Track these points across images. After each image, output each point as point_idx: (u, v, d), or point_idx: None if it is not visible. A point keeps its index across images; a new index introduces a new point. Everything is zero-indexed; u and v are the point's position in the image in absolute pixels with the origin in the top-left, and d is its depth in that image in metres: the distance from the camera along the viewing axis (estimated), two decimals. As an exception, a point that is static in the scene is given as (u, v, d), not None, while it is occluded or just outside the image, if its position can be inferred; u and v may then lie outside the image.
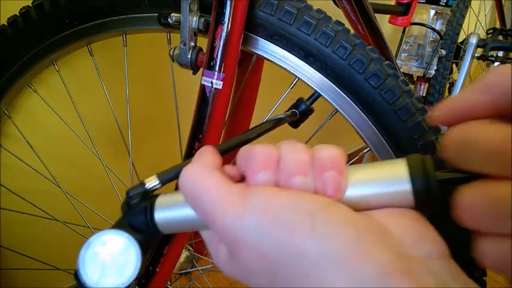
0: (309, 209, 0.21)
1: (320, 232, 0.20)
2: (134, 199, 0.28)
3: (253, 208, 0.22)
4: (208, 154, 0.26)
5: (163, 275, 0.53)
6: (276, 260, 0.21)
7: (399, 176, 0.22)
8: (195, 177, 0.24)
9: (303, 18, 0.43)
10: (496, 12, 1.47)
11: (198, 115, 0.46)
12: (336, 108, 0.45)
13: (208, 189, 0.23)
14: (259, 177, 0.24)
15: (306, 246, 0.20)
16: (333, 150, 0.24)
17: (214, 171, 0.24)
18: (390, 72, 0.42)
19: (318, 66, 0.44)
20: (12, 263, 0.79)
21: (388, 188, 0.22)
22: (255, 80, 0.64)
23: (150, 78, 0.85)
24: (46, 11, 0.54)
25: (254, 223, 0.21)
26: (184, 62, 0.48)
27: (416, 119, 0.42)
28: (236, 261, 0.23)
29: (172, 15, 0.48)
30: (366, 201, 0.23)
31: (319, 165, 0.23)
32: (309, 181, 0.23)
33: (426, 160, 0.22)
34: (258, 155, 0.24)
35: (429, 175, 0.21)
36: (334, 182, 0.22)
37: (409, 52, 1.14)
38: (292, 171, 0.23)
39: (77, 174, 0.83)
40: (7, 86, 0.59)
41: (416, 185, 0.21)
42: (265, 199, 0.22)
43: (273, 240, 0.21)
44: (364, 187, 0.23)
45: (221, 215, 0.22)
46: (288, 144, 0.25)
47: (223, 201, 0.23)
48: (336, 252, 0.19)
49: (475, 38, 1.08)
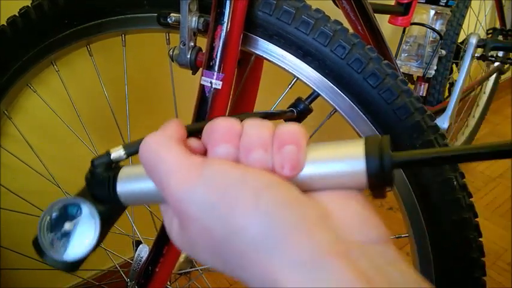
0: (256, 186, 0.21)
1: (262, 210, 0.20)
2: (98, 168, 0.27)
3: (204, 181, 0.22)
4: (172, 126, 0.26)
5: (163, 275, 0.53)
6: (218, 235, 0.21)
7: (355, 155, 0.22)
8: (154, 146, 0.24)
9: (301, 18, 0.43)
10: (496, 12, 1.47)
11: (198, 115, 0.46)
12: (335, 107, 0.45)
13: (164, 159, 0.23)
14: (218, 150, 0.23)
15: (247, 222, 0.20)
16: (294, 126, 0.24)
17: (173, 143, 0.24)
18: (389, 71, 0.42)
19: (316, 65, 0.44)
20: (12, 263, 0.79)
21: (343, 167, 0.22)
22: (254, 80, 0.64)
23: (150, 78, 0.85)
24: (45, 11, 0.54)
25: (202, 196, 0.21)
26: (183, 62, 0.48)
27: (415, 119, 0.42)
28: (185, 234, 0.23)
29: (172, 15, 0.48)
30: (322, 178, 0.23)
31: (279, 140, 0.23)
32: (269, 156, 0.23)
33: (383, 140, 0.22)
34: (220, 128, 0.24)
35: (384, 155, 0.21)
36: (292, 157, 0.22)
37: (409, 52, 1.14)
38: (252, 146, 0.23)
39: (77, 174, 0.83)
40: (7, 86, 0.59)
41: (370, 165, 0.21)
42: (216, 173, 0.22)
43: (218, 214, 0.21)
44: (321, 164, 0.23)
45: (173, 186, 0.22)
46: (251, 120, 0.25)
47: (177, 172, 0.22)
48: (276, 231, 0.19)
49: (475, 38, 1.08)
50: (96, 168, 0.27)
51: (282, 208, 0.20)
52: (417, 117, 0.42)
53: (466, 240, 0.45)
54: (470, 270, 0.46)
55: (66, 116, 0.70)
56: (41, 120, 0.74)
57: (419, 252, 0.48)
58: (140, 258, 0.60)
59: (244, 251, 0.20)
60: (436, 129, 0.43)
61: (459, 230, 0.45)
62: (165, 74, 0.84)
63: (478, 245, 0.45)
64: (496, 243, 1.22)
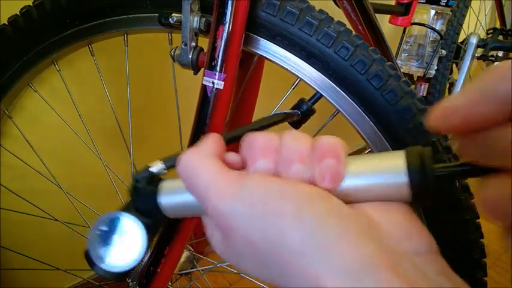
0: (297, 199, 0.21)
1: (306, 222, 0.20)
2: (141, 183, 0.28)
3: (245, 195, 0.22)
4: (209, 141, 0.26)
5: (164, 275, 0.53)
6: (262, 247, 0.21)
7: (397, 168, 0.22)
8: (191, 162, 0.25)
9: (305, 19, 0.43)
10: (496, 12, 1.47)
11: (199, 115, 0.46)
12: (338, 108, 0.45)
13: (203, 174, 0.24)
14: (258, 164, 0.24)
15: (290, 235, 0.20)
16: (333, 139, 0.24)
17: (211, 158, 0.25)
18: (392, 73, 0.42)
19: (319, 66, 0.44)
20: (12, 263, 0.79)
21: (385, 179, 0.22)
22: (255, 80, 0.64)
23: (151, 78, 0.85)
24: (47, 11, 0.53)
25: (244, 210, 0.22)
26: (185, 62, 0.48)
27: (418, 120, 0.42)
28: (228, 245, 0.24)
29: (174, 15, 0.48)
30: (363, 191, 0.23)
31: (319, 153, 0.23)
32: (308, 169, 0.23)
33: (425, 153, 0.22)
34: (259, 143, 0.24)
35: (426, 168, 0.21)
36: (332, 170, 0.22)
37: (410, 52, 1.14)
38: (291, 160, 0.23)
39: (78, 174, 0.83)
40: (8, 86, 0.59)
41: (413, 178, 0.21)
42: (257, 187, 0.22)
43: (260, 228, 0.21)
44: (361, 177, 0.22)
45: (214, 201, 0.23)
46: (289, 133, 0.25)
47: (217, 187, 0.23)
48: (320, 243, 0.20)
49: (475, 38, 1.08)
50: (139, 183, 0.28)
51: (325, 219, 0.20)
52: (420, 119, 0.42)
53: (468, 241, 0.45)
54: (472, 271, 0.46)
55: (67, 116, 0.70)
56: (42, 119, 0.74)
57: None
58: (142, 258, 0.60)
59: (289, 261, 0.20)
60: (439, 131, 0.43)
61: (461, 231, 0.45)
62: (167, 74, 0.84)
63: (480, 246, 0.45)
64: (496, 243, 1.22)
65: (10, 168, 0.73)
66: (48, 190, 0.73)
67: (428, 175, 0.21)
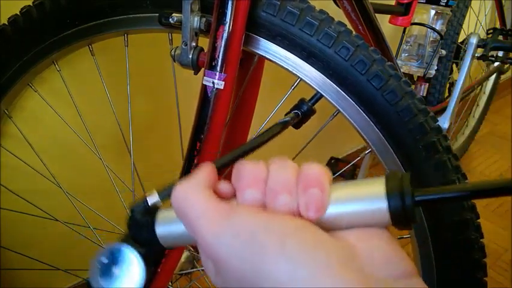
0: (281, 232, 0.22)
1: (290, 255, 0.21)
2: (138, 215, 0.29)
3: (231, 227, 0.23)
4: (202, 172, 0.27)
5: (165, 275, 0.53)
6: (249, 278, 0.22)
7: (377, 194, 0.23)
8: (184, 195, 0.26)
9: (306, 19, 0.43)
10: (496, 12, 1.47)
11: (200, 115, 0.46)
12: (338, 109, 0.45)
13: (193, 206, 0.25)
14: (246, 194, 0.25)
15: (274, 267, 0.21)
16: (317, 168, 0.25)
17: (203, 190, 0.26)
18: (392, 73, 0.42)
19: (320, 66, 0.44)
20: (12, 263, 0.79)
21: (366, 206, 0.23)
22: (255, 80, 0.64)
23: (152, 78, 0.85)
24: (47, 11, 0.53)
25: (230, 242, 0.23)
26: (185, 62, 0.48)
27: (418, 120, 0.42)
28: (219, 275, 0.24)
29: (174, 15, 0.48)
30: (346, 218, 0.24)
31: (304, 183, 0.24)
32: (294, 199, 0.24)
33: (404, 178, 0.23)
34: (246, 174, 0.25)
35: (404, 194, 0.22)
36: (316, 199, 0.23)
37: (410, 52, 1.14)
38: (277, 190, 0.24)
39: (78, 174, 0.83)
40: (8, 86, 0.59)
41: (392, 204, 0.22)
42: (243, 220, 0.23)
43: (246, 261, 0.22)
44: (344, 205, 0.23)
45: (204, 233, 0.24)
46: (276, 163, 0.26)
47: (205, 218, 0.24)
48: (304, 275, 0.20)
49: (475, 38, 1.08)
50: (136, 215, 0.29)
51: (308, 252, 0.21)
52: (420, 119, 0.42)
53: (468, 241, 0.45)
54: (472, 271, 0.46)
55: (67, 116, 0.70)
56: (42, 119, 0.74)
57: (420, 252, 0.48)
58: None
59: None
60: (439, 131, 0.43)
61: (461, 231, 0.45)
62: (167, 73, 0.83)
63: (480, 246, 0.45)
64: (496, 243, 1.22)
65: (10, 168, 0.73)
66: (48, 190, 0.73)
67: (406, 200, 0.22)
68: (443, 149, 0.43)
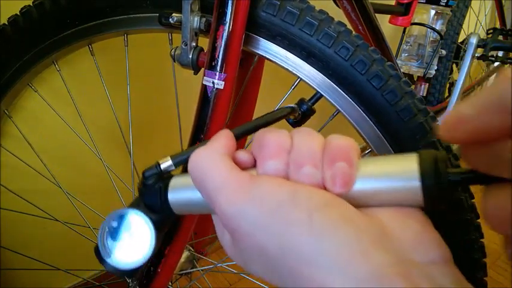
0: (309, 206, 0.21)
1: (317, 230, 0.20)
2: (150, 180, 0.28)
3: (254, 199, 0.22)
4: (221, 139, 0.25)
5: (165, 275, 0.53)
6: (272, 252, 0.21)
7: (409, 172, 0.21)
8: (202, 162, 0.24)
9: (305, 19, 0.43)
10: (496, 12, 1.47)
11: (200, 115, 0.46)
12: (338, 108, 0.45)
13: (213, 174, 0.23)
14: (268, 165, 0.23)
15: (301, 242, 0.20)
16: (345, 141, 0.23)
17: (223, 157, 0.24)
18: (392, 73, 0.42)
19: (319, 66, 0.44)
20: (12, 263, 0.79)
21: (397, 183, 0.21)
22: (255, 80, 0.64)
23: (152, 78, 0.85)
24: (47, 11, 0.53)
25: (253, 214, 0.21)
26: (185, 62, 0.48)
27: (418, 120, 0.42)
28: (237, 247, 0.23)
29: (174, 15, 0.48)
30: (375, 195, 0.22)
31: (330, 156, 0.22)
32: (319, 172, 0.22)
33: (439, 157, 0.21)
34: (270, 143, 0.24)
35: (440, 173, 0.20)
36: (344, 174, 0.22)
37: (410, 52, 1.14)
38: (302, 162, 0.23)
39: (78, 174, 0.83)
40: (8, 86, 0.59)
41: (426, 183, 0.20)
42: (267, 191, 0.22)
43: (270, 233, 0.21)
44: (373, 181, 0.22)
45: (223, 203, 0.22)
46: (301, 133, 0.24)
47: (226, 189, 0.22)
48: (332, 251, 0.19)
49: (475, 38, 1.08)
50: (148, 180, 0.28)
51: (336, 227, 0.20)
52: (420, 119, 0.42)
53: (468, 241, 0.45)
54: (472, 271, 0.46)
55: (67, 116, 0.70)
56: (42, 119, 0.74)
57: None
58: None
59: (299, 268, 0.20)
60: (439, 131, 0.43)
61: (461, 231, 0.45)
62: (167, 73, 0.83)
63: (480, 246, 0.45)
64: (496, 243, 1.22)
65: (10, 168, 0.73)
66: (48, 190, 0.73)
67: (442, 180, 0.20)
68: (443, 148, 0.43)
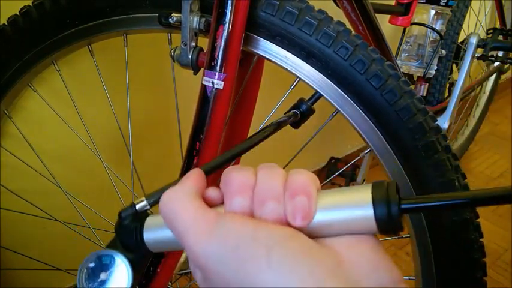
0: (268, 242, 0.22)
1: (275, 265, 0.21)
2: (126, 220, 0.29)
3: (218, 238, 0.23)
4: (191, 178, 0.27)
5: (164, 275, 0.53)
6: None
7: (363, 202, 0.23)
8: (171, 202, 0.25)
9: (305, 19, 0.43)
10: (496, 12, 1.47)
11: (199, 115, 0.46)
12: (337, 108, 0.45)
13: (181, 215, 0.25)
14: (234, 202, 0.25)
15: (261, 278, 0.21)
16: (304, 175, 0.25)
17: (191, 197, 0.25)
18: (391, 72, 0.42)
19: (319, 66, 0.44)
20: (12, 263, 0.79)
21: (352, 213, 0.23)
22: (255, 80, 0.64)
23: (151, 78, 0.85)
24: (47, 11, 0.53)
25: (218, 253, 0.23)
26: (185, 62, 0.48)
27: (417, 120, 0.42)
28: (207, 283, 0.24)
29: (173, 15, 0.48)
30: (333, 225, 0.24)
31: (290, 190, 0.24)
32: (281, 207, 0.24)
33: (390, 187, 0.23)
34: (234, 181, 0.25)
35: (390, 202, 0.22)
36: (303, 207, 0.23)
37: (410, 52, 1.14)
38: (265, 197, 0.24)
39: (77, 174, 0.83)
40: (7, 86, 0.59)
41: (377, 211, 0.22)
42: (230, 229, 0.23)
43: (233, 269, 0.22)
44: (330, 212, 0.23)
45: (191, 243, 0.24)
46: (264, 169, 0.26)
47: (193, 227, 0.24)
48: (291, 285, 0.20)
49: (475, 38, 1.08)
50: (124, 220, 0.29)
51: (294, 262, 0.21)
52: (419, 118, 0.42)
53: (468, 241, 0.45)
54: (471, 270, 0.46)
55: (66, 116, 0.70)
56: (42, 119, 0.74)
57: (420, 252, 0.48)
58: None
59: None
60: (438, 130, 0.43)
61: (460, 231, 0.45)
62: (167, 73, 0.83)
63: (479, 246, 0.45)
64: (496, 243, 1.22)
65: (10, 168, 0.73)
66: (48, 190, 0.73)
67: (392, 208, 0.22)
68: (443, 148, 0.43)
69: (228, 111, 0.47)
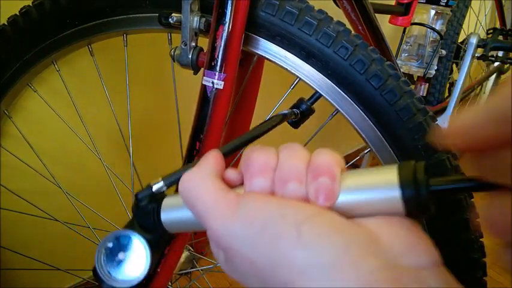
0: (296, 219, 0.21)
1: (306, 242, 0.20)
2: (143, 201, 0.29)
3: (242, 217, 0.22)
4: (210, 159, 0.26)
5: (164, 275, 0.53)
6: (264, 267, 0.21)
7: (389, 183, 0.22)
8: (192, 184, 0.25)
9: (305, 19, 0.43)
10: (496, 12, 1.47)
11: (199, 115, 0.46)
12: (337, 108, 0.45)
13: (202, 196, 0.24)
14: (254, 183, 0.24)
15: (291, 255, 0.20)
16: (328, 156, 0.24)
17: (211, 178, 0.25)
18: (391, 72, 0.42)
19: (319, 66, 0.44)
20: (12, 263, 0.79)
21: (378, 195, 0.22)
22: (255, 80, 0.64)
23: (151, 78, 0.85)
24: (47, 11, 0.53)
25: (243, 232, 0.22)
26: (185, 62, 0.48)
27: (417, 120, 0.42)
28: (231, 264, 0.24)
29: (173, 15, 0.48)
30: (358, 207, 0.23)
31: (313, 171, 0.23)
32: (304, 188, 0.23)
33: (418, 167, 0.22)
34: (255, 161, 0.25)
35: (419, 183, 0.21)
36: (327, 188, 0.23)
37: (410, 52, 1.14)
38: (287, 178, 0.23)
39: (77, 174, 0.83)
40: (7, 86, 0.59)
41: (405, 193, 0.21)
42: (254, 208, 0.22)
43: (260, 249, 0.21)
44: (355, 193, 0.23)
45: (213, 223, 0.23)
46: (286, 150, 0.25)
47: (216, 209, 0.24)
48: (322, 261, 0.20)
49: (475, 38, 1.08)
50: (141, 201, 0.29)
51: (325, 238, 0.20)
52: (419, 118, 0.42)
53: (468, 241, 0.45)
54: (471, 270, 0.46)
55: (66, 116, 0.70)
56: (42, 119, 0.74)
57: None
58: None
59: (291, 280, 0.20)
60: (438, 130, 0.43)
61: (461, 231, 0.45)
62: (167, 73, 0.84)
63: (480, 246, 0.45)
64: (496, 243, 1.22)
65: (10, 168, 0.73)
66: (48, 190, 0.73)
67: (420, 189, 0.21)
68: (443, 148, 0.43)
69: (228, 111, 0.47)
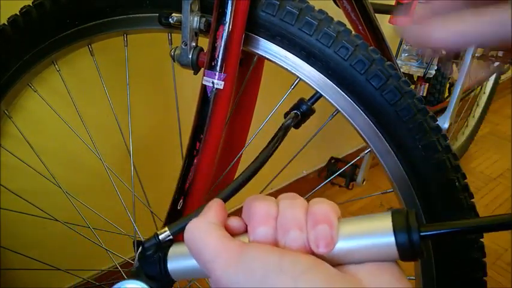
0: (294, 272, 0.23)
1: None
2: (149, 250, 0.30)
3: (244, 268, 0.24)
4: (213, 208, 0.28)
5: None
6: None
7: (384, 230, 0.24)
8: (197, 233, 0.27)
9: (305, 19, 0.43)
10: (496, 12, 1.47)
11: (199, 115, 0.46)
12: (337, 108, 0.45)
13: (207, 246, 0.26)
14: (258, 232, 0.26)
15: None
16: (325, 204, 0.26)
17: (215, 227, 0.27)
18: (392, 73, 0.42)
19: (319, 66, 0.44)
20: (12, 263, 0.79)
21: (373, 241, 0.24)
22: (255, 80, 0.64)
23: (151, 78, 0.85)
24: (47, 11, 0.53)
25: (244, 281, 0.24)
26: (185, 62, 0.48)
27: (417, 120, 0.42)
28: None
29: (174, 15, 0.48)
30: (354, 252, 0.24)
31: (313, 219, 0.25)
32: (304, 235, 0.25)
33: (410, 215, 0.24)
34: (258, 211, 0.27)
35: (411, 229, 0.23)
36: (326, 235, 0.24)
37: (410, 52, 1.14)
38: (289, 226, 0.25)
39: (77, 174, 0.83)
40: (7, 86, 0.59)
41: (399, 239, 0.23)
42: (256, 258, 0.24)
43: None
44: (352, 239, 0.25)
45: (217, 272, 0.25)
46: (286, 199, 0.27)
47: (219, 259, 0.25)
48: None
49: (475, 38, 1.08)
50: (147, 250, 0.30)
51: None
52: (420, 118, 0.42)
53: (468, 241, 0.45)
54: (471, 270, 0.46)
55: (66, 116, 0.70)
56: (42, 119, 0.74)
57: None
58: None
59: None
60: (439, 130, 0.43)
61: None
62: (167, 73, 0.83)
63: (479, 246, 0.45)
64: (496, 243, 1.22)
65: (10, 168, 0.73)
66: (48, 190, 0.73)
67: (413, 235, 0.23)
68: (443, 148, 0.43)
69: (228, 111, 0.47)
